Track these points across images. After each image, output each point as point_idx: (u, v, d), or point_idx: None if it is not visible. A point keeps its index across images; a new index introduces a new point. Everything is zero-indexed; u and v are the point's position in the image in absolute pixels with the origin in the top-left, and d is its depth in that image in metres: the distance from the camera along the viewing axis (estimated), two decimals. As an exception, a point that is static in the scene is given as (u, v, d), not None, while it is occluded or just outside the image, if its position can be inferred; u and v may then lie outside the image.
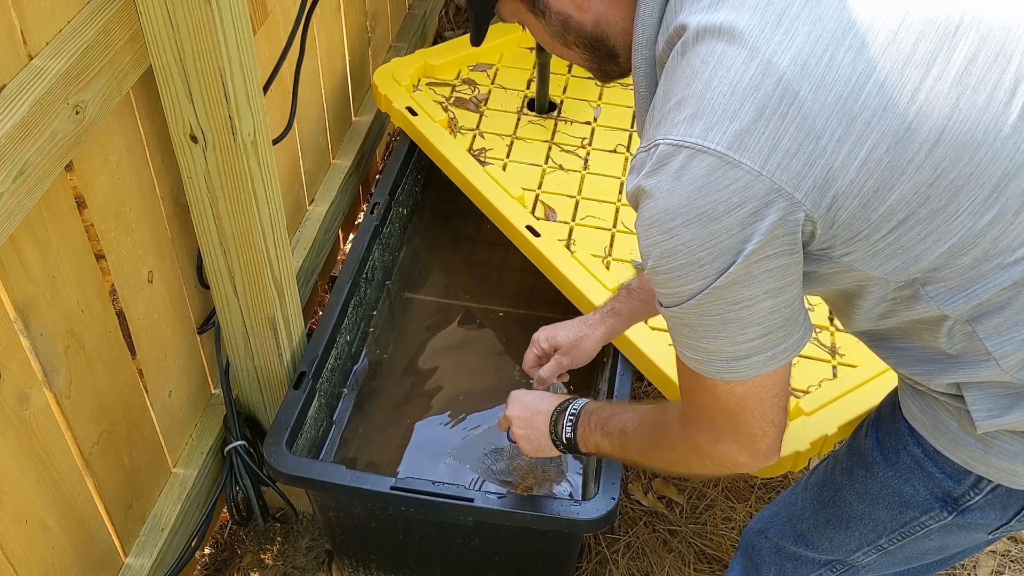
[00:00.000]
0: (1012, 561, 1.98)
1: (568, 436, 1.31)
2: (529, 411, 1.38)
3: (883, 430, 1.18)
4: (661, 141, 0.92)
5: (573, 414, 1.31)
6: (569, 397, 1.36)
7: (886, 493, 1.17)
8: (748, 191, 0.88)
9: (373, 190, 2.34)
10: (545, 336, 1.53)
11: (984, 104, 0.89)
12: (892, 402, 1.19)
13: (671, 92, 0.94)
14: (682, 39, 0.95)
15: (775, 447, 1.06)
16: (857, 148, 0.88)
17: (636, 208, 0.97)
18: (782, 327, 0.97)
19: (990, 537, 1.18)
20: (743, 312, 0.94)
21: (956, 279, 0.94)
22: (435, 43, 2.91)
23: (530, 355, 1.56)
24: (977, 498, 1.10)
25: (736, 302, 0.93)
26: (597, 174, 2.06)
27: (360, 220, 2.35)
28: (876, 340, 1.11)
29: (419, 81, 2.26)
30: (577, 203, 1.97)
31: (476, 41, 1.19)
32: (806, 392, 1.58)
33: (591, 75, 1.17)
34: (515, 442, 1.41)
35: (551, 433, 1.34)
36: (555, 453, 1.37)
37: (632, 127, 2.19)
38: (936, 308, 0.96)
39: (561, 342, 1.52)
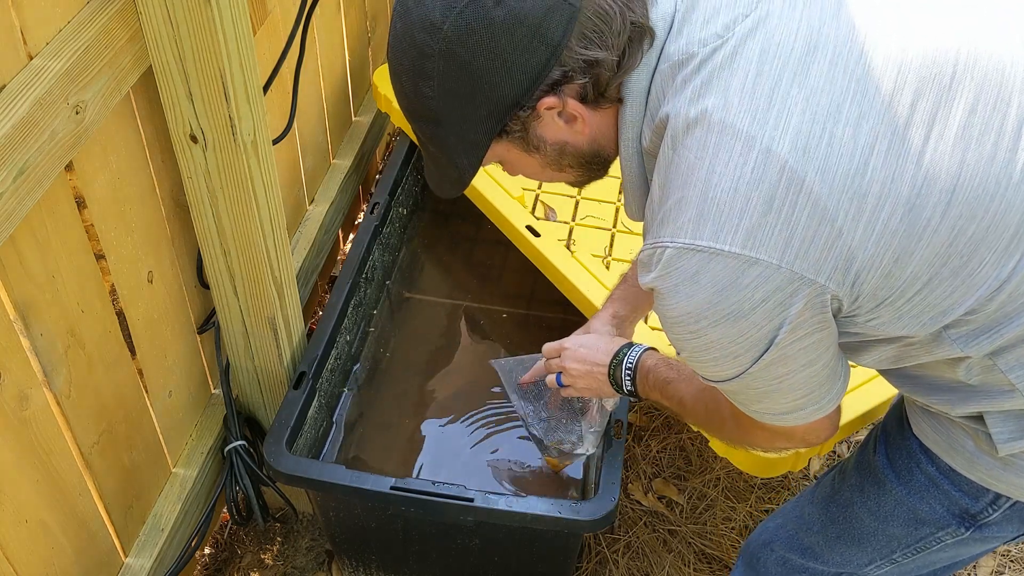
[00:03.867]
0: (1012, 561, 1.98)
1: (629, 388, 1.34)
2: (587, 364, 1.40)
3: (892, 447, 1.16)
4: (668, 244, 0.90)
5: (630, 368, 1.33)
6: (622, 345, 1.36)
7: (900, 511, 1.16)
8: (771, 284, 0.87)
9: (373, 190, 2.33)
10: (553, 346, 1.51)
11: (991, 154, 0.87)
12: (899, 416, 1.17)
13: (669, 189, 0.92)
14: (670, 131, 0.92)
15: (832, 433, 1.10)
16: (872, 222, 0.86)
17: (654, 297, 0.96)
18: (823, 385, 0.99)
19: (1003, 545, 1.18)
20: (783, 384, 0.97)
21: (981, 322, 0.93)
22: (435, 43, 2.90)
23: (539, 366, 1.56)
24: (995, 515, 1.09)
25: (775, 378, 0.96)
26: (597, 174, 2.05)
27: (360, 220, 2.35)
28: (889, 370, 1.10)
29: (419, 81, 2.25)
30: (577, 203, 1.97)
31: (454, 193, 1.08)
32: (806, 392, 1.58)
33: (571, 186, 1.12)
34: (566, 386, 1.46)
35: (612, 384, 1.37)
36: (617, 396, 1.43)
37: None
38: (959, 350, 0.95)
39: (567, 343, 1.49)
